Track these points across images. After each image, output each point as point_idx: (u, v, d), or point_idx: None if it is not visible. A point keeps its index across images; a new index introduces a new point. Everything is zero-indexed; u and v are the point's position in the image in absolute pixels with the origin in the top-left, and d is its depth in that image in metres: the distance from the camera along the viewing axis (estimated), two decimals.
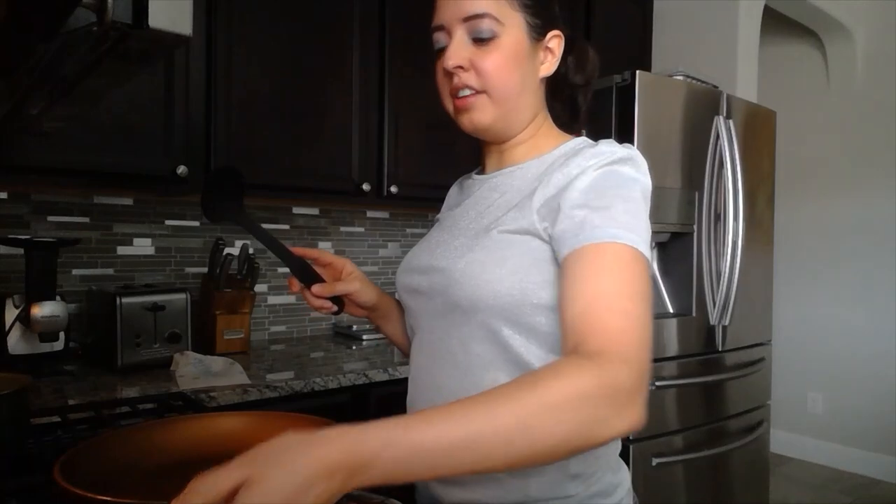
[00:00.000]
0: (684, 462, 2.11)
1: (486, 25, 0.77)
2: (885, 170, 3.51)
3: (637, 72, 1.99)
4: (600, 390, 0.55)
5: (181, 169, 1.68)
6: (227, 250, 1.88)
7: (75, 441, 0.87)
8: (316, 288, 0.89)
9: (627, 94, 1.99)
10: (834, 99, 3.72)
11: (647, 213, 0.72)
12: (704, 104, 2.20)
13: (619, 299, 0.62)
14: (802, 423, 3.79)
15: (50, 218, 1.81)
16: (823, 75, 3.76)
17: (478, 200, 0.87)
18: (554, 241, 0.71)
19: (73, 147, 1.51)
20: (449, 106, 0.84)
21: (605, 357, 0.57)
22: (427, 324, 0.85)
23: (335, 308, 0.92)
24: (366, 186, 2.05)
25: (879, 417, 3.49)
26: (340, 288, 0.90)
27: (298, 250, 0.91)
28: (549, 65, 0.84)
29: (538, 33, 0.81)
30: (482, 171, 0.92)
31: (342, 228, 2.43)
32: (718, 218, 2.23)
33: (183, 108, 1.70)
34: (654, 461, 2.01)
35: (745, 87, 2.86)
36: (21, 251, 1.57)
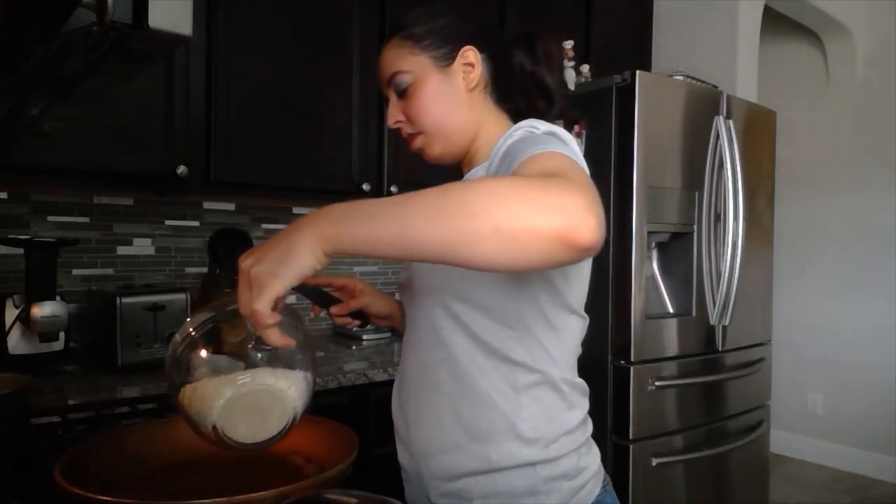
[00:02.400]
0: (684, 462, 2.11)
1: (398, 80, 0.90)
2: (885, 169, 3.51)
3: (637, 72, 1.98)
4: (537, 186, 0.55)
5: (181, 169, 1.68)
6: None
7: (75, 441, 0.87)
8: (333, 309, 0.99)
9: (627, 94, 1.99)
10: (834, 99, 3.72)
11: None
12: (704, 104, 2.19)
13: (570, 171, 0.64)
14: (802, 423, 3.79)
15: (50, 218, 1.81)
16: (823, 75, 3.76)
17: None
18: None
19: (73, 147, 1.51)
20: None
21: (552, 177, 0.59)
22: (408, 312, 0.97)
23: (358, 322, 1.02)
24: (366, 186, 2.05)
25: (879, 417, 3.49)
26: (353, 304, 1.00)
27: (312, 280, 0.96)
28: (474, 75, 0.92)
29: (448, 59, 0.91)
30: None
31: None
32: (718, 218, 2.22)
33: (183, 108, 1.70)
34: (654, 461, 2.01)
35: (745, 87, 2.86)
36: (21, 251, 1.57)
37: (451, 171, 1.06)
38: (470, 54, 0.92)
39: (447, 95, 0.91)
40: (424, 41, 0.90)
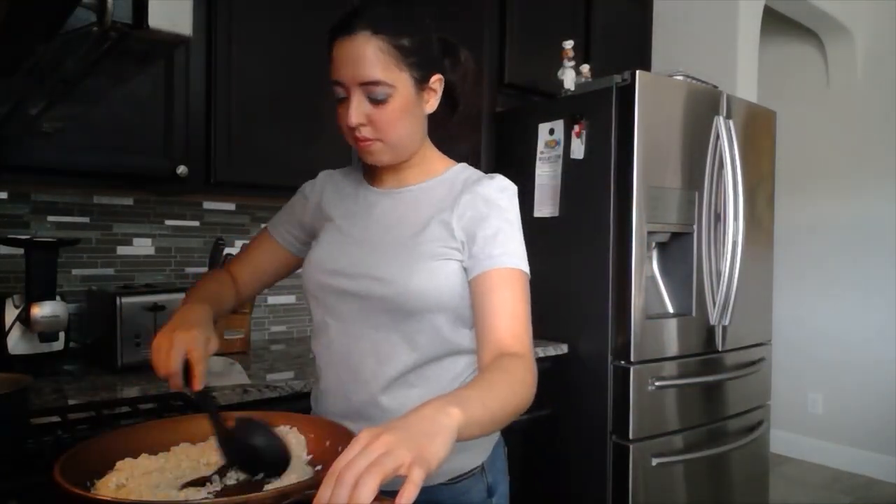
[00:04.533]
0: (684, 462, 2.11)
1: (379, 90, 0.91)
2: (884, 170, 3.51)
3: (637, 72, 1.98)
4: (530, 375, 0.85)
5: (181, 169, 1.67)
6: (227, 250, 1.88)
7: (75, 441, 0.87)
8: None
9: (627, 94, 1.99)
10: (834, 99, 3.72)
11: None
12: (704, 104, 2.20)
13: (523, 314, 0.91)
14: (802, 423, 3.79)
15: (50, 218, 1.81)
16: (823, 75, 3.76)
17: (387, 214, 1.02)
18: (470, 258, 0.94)
19: (73, 147, 1.51)
20: (351, 142, 0.98)
21: (525, 358, 0.87)
22: (358, 319, 0.98)
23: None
24: None
25: (879, 417, 3.49)
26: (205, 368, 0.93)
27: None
28: (432, 102, 0.99)
29: (423, 83, 0.95)
30: (373, 184, 1.06)
31: None
32: (718, 218, 2.23)
33: (183, 108, 1.70)
34: (654, 461, 2.01)
35: (745, 87, 2.86)
36: (21, 251, 1.57)
37: None
38: (437, 83, 0.98)
39: (415, 116, 0.96)
40: (410, 58, 0.92)
